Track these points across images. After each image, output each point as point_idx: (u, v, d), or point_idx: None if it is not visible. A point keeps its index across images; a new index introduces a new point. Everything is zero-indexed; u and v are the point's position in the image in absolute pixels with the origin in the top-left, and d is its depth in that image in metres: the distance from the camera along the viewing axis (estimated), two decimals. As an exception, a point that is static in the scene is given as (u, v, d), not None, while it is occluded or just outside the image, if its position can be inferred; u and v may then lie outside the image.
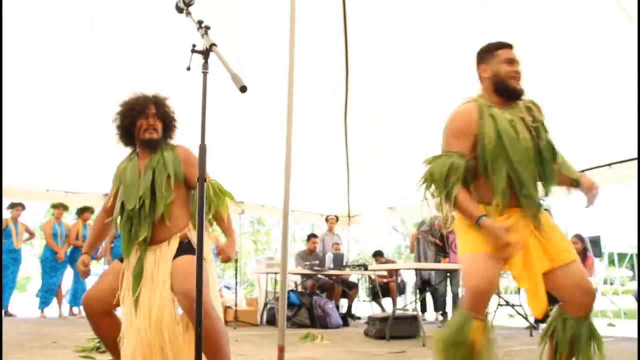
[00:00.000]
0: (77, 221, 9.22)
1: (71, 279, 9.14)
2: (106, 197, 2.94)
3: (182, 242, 2.70)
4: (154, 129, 2.78)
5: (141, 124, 2.77)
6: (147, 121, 2.77)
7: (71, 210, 9.64)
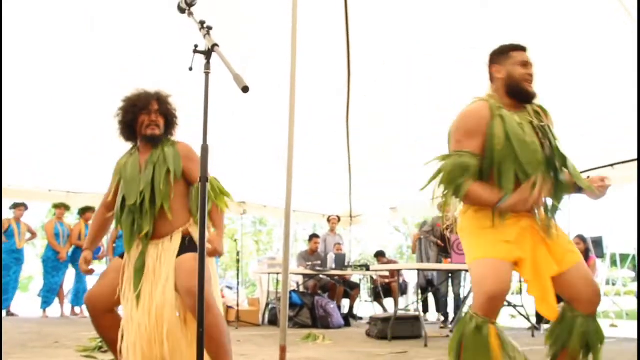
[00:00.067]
0: (79, 221, 9.23)
1: (73, 278, 9.16)
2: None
3: (185, 238, 2.70)
4: (156, 125, 2.79)
5: (143, 120, 2.78)
6: (149, 117, 2.79)
7: (73, 210, 9.66)
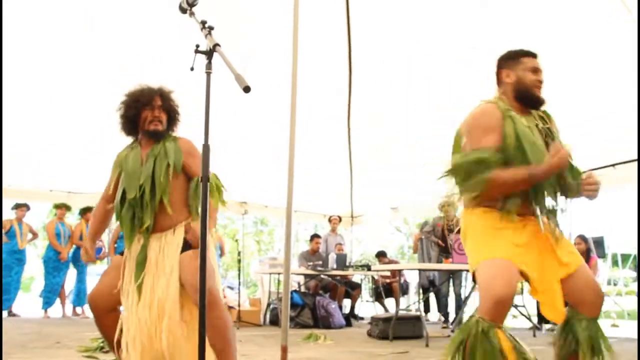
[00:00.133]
0: (80, 221, 9.23)
1: (74, 279, 9.17)
2: None
3: (188, 233, 2.70)
4: (159, 121, 2.80)
5: (146, 116, 2.80)
6: (152, 113, 2.80)
7: (74, 210, 9.66)
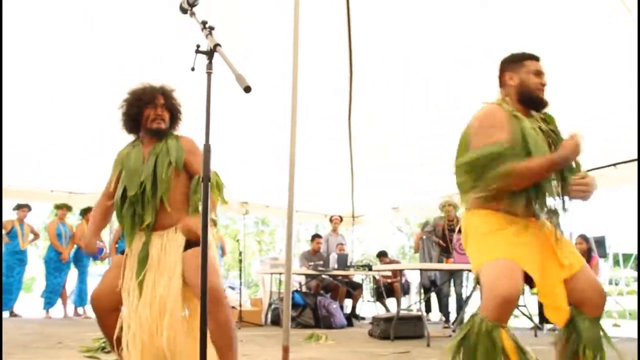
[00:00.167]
0: (82, 222, 9.23)
1: (76, 279, 9.17)
2: None
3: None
4: (161, 119, 2.81)
5: (149, 114, 2.80)
6: (155, 111, 2.80)
7: (75, 210, 9.66)
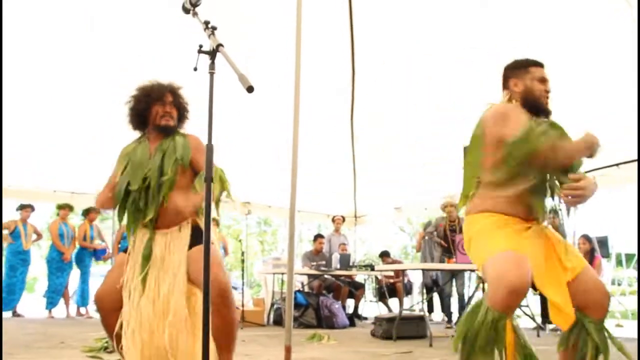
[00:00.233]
0: (84, 222, 9.25)
1: (78, 279, 9.18)
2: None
3: (195, 229, 2.69)
4: (170, 116, 2.82)
5: (157, 110, 2.81)
6: (163, 108, 2.82)
7: (77, 210, 9.67)
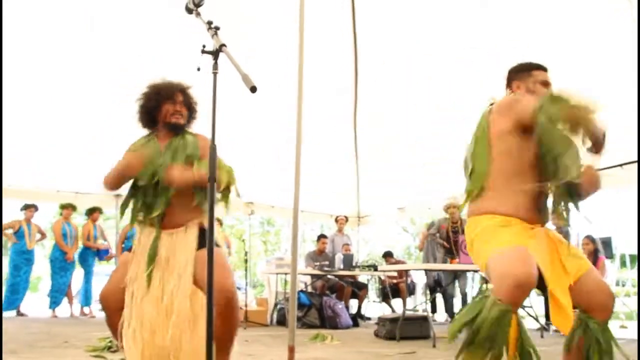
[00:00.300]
0: (87, 221, 9.26)
1: (81, 279, 9.20)
2: (117, 197, 2.94)
3: (202, 230, 2.69)
4: (180, 115, 2.83)
5: (168, 109, 2.82)
6: (174, 106, 2.83)
7: (80, 210, 9.68)
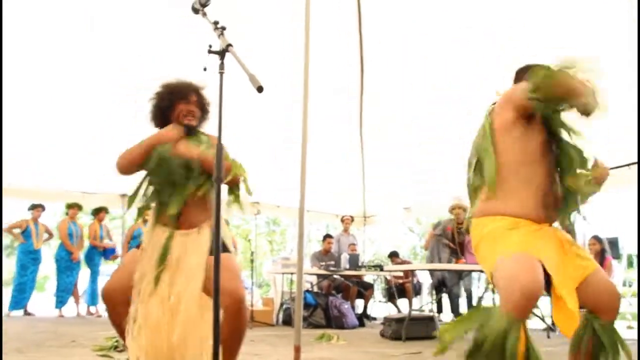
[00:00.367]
0: (94, 221, 9.29)
1: (88, 278, 9.23)
2: (123, 197, 2.94)
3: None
4: (193, 116, 2.82)
5: (181, 109, 2.81)
6: (187, 107, 2.82)
7: (86, 210, 9.71)
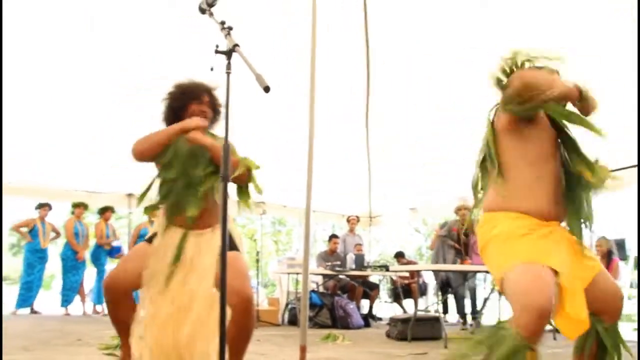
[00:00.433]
0: (100, 220, 9.33)
1: (94, 277, 9.26)
2: (129, 196, 2.94)
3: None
4: (205, 116, 2.82)
5: (194, 109, 2.80)
6: (200, 107, 2.81)
7: (92, 209, 9.74)
